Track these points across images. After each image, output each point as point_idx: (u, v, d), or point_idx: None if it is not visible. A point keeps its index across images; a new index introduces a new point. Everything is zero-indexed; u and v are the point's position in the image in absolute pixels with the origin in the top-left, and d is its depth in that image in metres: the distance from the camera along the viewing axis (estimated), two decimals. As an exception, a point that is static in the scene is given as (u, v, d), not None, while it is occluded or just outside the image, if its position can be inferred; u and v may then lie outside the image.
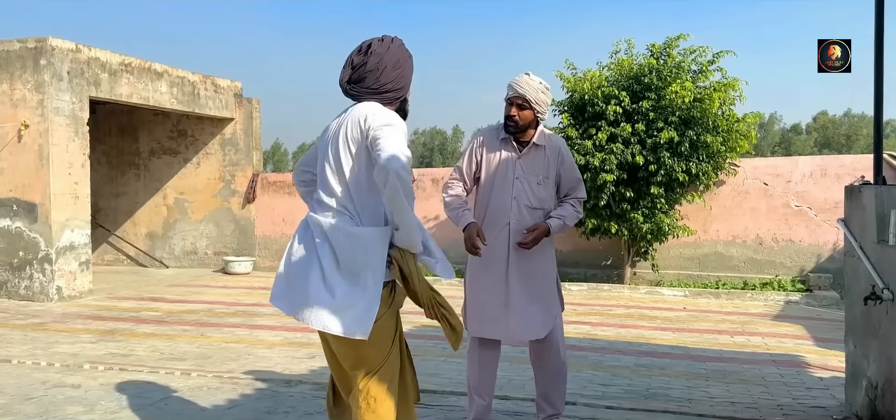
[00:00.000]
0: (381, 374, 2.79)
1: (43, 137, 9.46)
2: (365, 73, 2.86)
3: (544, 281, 3.94)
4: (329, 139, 2.89)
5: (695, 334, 7.43)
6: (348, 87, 2.91)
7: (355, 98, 2.91)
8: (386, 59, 2.87)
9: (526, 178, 3.87)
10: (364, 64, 2.87)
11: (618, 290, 10.28)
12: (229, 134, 13.28)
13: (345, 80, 2.91)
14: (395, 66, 2.90)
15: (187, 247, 13.60)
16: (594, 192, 10.02)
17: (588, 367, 5.86)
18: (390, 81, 2.88)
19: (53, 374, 5.57)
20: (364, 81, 2.87)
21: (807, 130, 76.52)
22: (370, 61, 2.86)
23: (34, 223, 9.54)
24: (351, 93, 2.91)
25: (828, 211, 10.44)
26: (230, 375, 5.51)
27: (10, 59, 9.60)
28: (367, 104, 2.85)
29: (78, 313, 8.62)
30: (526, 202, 3.87)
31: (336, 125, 2.90)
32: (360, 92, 2.88)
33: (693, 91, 9.94)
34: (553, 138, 3.96)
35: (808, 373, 5.85)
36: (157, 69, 11.33)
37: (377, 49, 2.88)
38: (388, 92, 2.89)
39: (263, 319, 8.16)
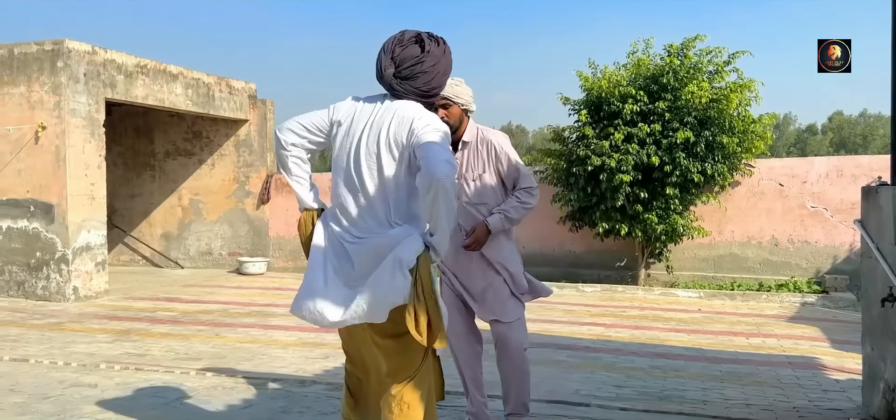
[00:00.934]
0: (417, 380, 2.77)
1: (60, 139, 9.55)
2: (418, 72, 2.75)
3: (489, 280, 3.89)
4: (361, 136, 2.76)
5: (710, 336, 7.39)
6: (395, 82, 2.76)
7: (397, 94, 2.78)
8: (441, 64, 2.80)
9: (462, 176, 3.84)
10: (419, 62, 2.75)
11: (632, 292, 10.24)
12: (244, 135, 13.35)
13: (391, 74, 2.76)
14: (445, 72, 2.84)
15: (202, 247, 13.68)
16: (610, 193, 9.99)
17: (602, 369, 5.84)
18: (439, 86, 2.83)
19: (70, 373, 5.62)
20: (415, 80, 2.76)
21: (822, 131, 75.95)
22: (427, 61, 2.75)
23: (51, 224, 9.62)
24: (396, 89, 2.77)
25: (844, 212, 10.36)
26: (245, 375, 5.53)
27: (27, 61, 9.69)
28: (411, 105, 2.75)
29: (94, 313, 8.69)
30: (465, 200, 3.83)
31: (369, 121, 2.76)
32: (407, 90, 2.76)
33: (710, 91, 9.90)
34: (486, 134, 3.87)
35: (825, 375, 5.81)
36: (172, 71, 11.40)
37: (434, 51, 2.78)
38: (433, 97, 2.84)
39: (277, 320, 8.19)
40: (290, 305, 2.90)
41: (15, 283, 9.84)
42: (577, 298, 9.87)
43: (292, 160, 2.90)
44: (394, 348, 2.77)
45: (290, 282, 11.65)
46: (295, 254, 13.03)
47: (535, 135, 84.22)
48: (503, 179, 3.92)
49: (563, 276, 11.50)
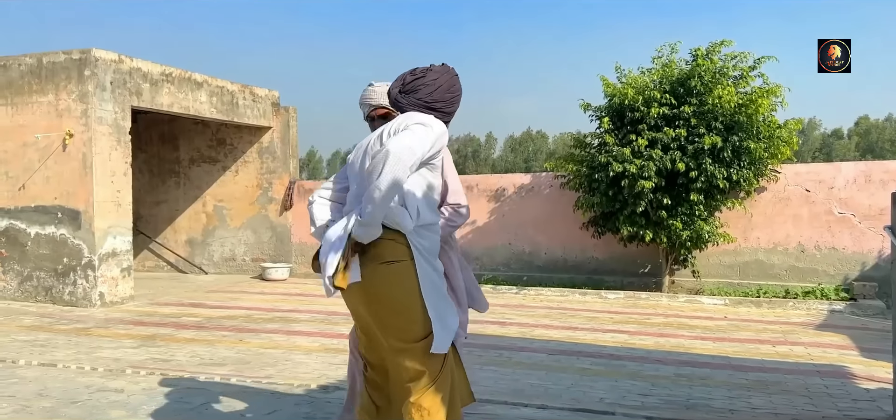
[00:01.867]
0: (438, 385, 2.80)
1: (86, 146, 9.67)
2: (419, 85, 3.00)
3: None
4: (368, 145, 3.01)
5: (736, 343, 7.30)
6: (399, 96, 3.04)
7: (403, 108, 3.03)
8: (441, 80, 3.02)
9: None
10: (421, 77, 3.02)
11: (656, 299, 10.16)
12: (267, 142, 13.44)
13: (396, 91, 3.05)
14: (449, 89, 3.04)
15: (226, 253, 13.78)
16: (632, 200, 9.93)
17: (627, 377, 5.80)
18: (442, 101, 3.02)
19: (97, 378, 5.68)
20: (416, 92, 3.00)
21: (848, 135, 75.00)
22: (428, 77, 3.02)
23: (78, 230, 9.74)
24: (400, 102, 3.03)
25: (872, 218, 10.21)
26: (269, 381, 5.56)
27: (55, 70, 9.83)
28: (413, 112, 2.99)
29: (120, 318, 8.78)
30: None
31: (376, 135, 3.00)
32: (410, 102, 3.01)
33: (736, 96, 9.81)
34: None
35: (854, 384, 5.71)
36: (197, 79, 11.51)
37: (437, 69, 3.05)
38: (437, 109, 3.01)
39: (301, 325, 8.22)
40: None
41: (43, 288, 9.97)
42: (599, 305, 9.81)
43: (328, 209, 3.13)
44: (411, 354, 2.82)
45: (312, 287, 11.69)
46: (317, 260, 13.06)
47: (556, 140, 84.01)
48: None
49: (585, 282, 11.45)
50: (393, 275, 2.79)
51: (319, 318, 8.77)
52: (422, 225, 2.88)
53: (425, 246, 2.88)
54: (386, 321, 2.85)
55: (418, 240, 2.85)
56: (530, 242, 12.07)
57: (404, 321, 2.80)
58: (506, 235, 12.21)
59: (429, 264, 2.86)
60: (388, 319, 2.84)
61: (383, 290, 2.80)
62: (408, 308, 2.79)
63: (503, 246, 12.23)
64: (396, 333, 2.83)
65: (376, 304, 2.83)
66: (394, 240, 2.81)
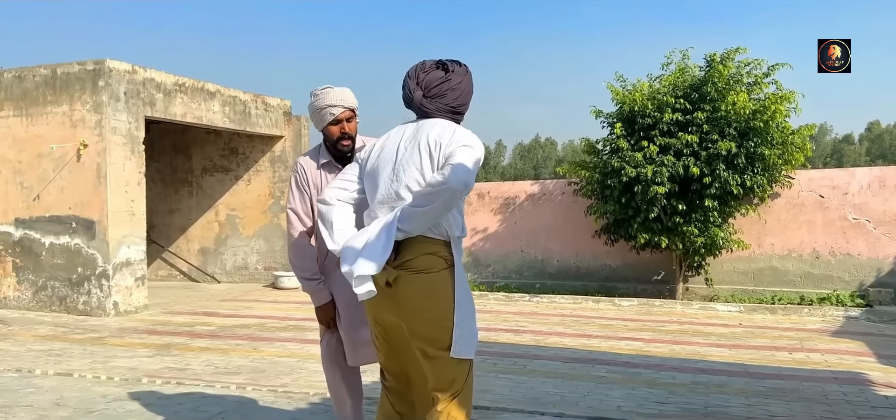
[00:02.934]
0: (463, 395, 2.83)
1: (101, 156, 9.72)
2: (446, 90, 2.91)
3: None
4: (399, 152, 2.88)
5: (752, 351, 7.26)
6: (425, 101, 2.91)
7: (428, 113, 2.92)
8: (465, 83, 2.96)
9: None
10: (447, 80, 2.91)
11: (670, 306, 10.11)
12: (279, 151, 13.48)
13: (420, 96, 2.92)
14: (469, 91, 2.99)
15: (238, 262, 13.82)
16: (645, 206, 9.90)
17: (643, 384, 5.77)
18: (465, 104, 2.97)
19: (113, 387, 5.69)
20: (444, 97, 2.91)
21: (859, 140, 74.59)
22: (454, 79, 2.92)
23: (92, 240, 9.79)
24: (426, 107, 2.91)
25: (887, 223, 10.14)
26: (284, 389, 5.56)
27: (69, 80, 9.90)
28: (445, 121, 2.89)
29: (134, 328, 8.81)
30: None
31: (404, 140, 2.90)
32: (438, 107, 2.91)
33: (750, 103, 9.78)
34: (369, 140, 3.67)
35: (872, 391, 5.67)
36: (209, 89, 11.57)
37: (457, 71, 2.95)
38: (461, 113, 2.97)
39: (314, 334, 8.21)
40: None
41: (57, 298, 10.02)
42: (613, 312, 9.77)
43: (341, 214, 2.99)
44: (441, 362, 2.81)
45: (325, 296, 11.69)
46: (329, 268, 13.09)
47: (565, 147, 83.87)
48: None
49: (598, 289, 11.41)
50: (428, 284, 2.77)
51: (333, 326, 8.76)
52: (459, 235, 2.89)
53: (459, 256, 2.89)
54: (419, 330, 2.82)
55: (456, 249, 2.86)
56: (543, 250, 12.05)
57: (436, 330, 2.79)
58: (518, 243, 12.19)
59: (462, 273, 2.87)
60: (421, 328, 2.81)
61: (418, 301, 2.77)
62: (442, 317, 2.79)
63: (515, 253, 12.21)
64: (430, 342, 2.81)
65: (411, 313, 2.80)
66: (431, 253, 2.78)
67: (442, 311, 2.79)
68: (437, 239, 2.78)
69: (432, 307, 2.78)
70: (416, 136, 2.86)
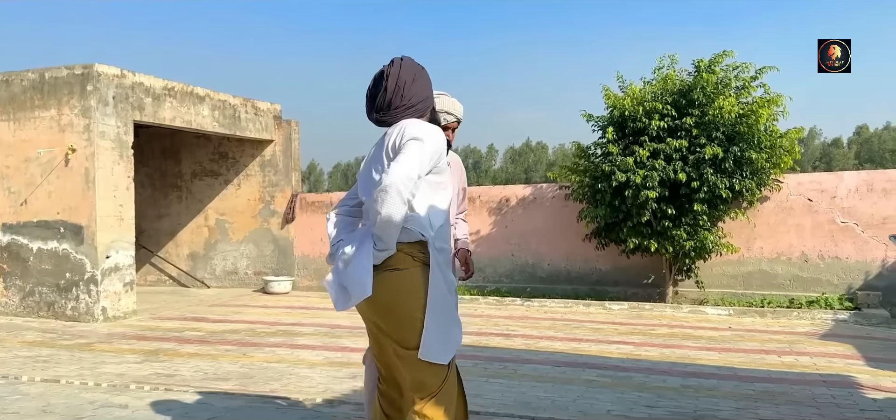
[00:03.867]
0: (440, 397, 2.80)
1: (89, 161, 9.67)
2: (389, 98, 2.94)
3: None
4: (371, 155, 3.05)
5: (741, 354, 7.28)
6: (379, 116, 2.98)
7: (389, 124, 2.99)
8: (402, 76, 2.95)
9: None
10: (384, 89, 2.94)
11: (660, 310, 10.13)
12: (269, 155, 13.45)
13: (374, 113, 3.00)
14: (413, 80, 2.97)
15: (228, 267, 13.77)
16: (635, 210, 9.92)
17: (633, 388, 5.77)
18: (414, 95, 2.96)
19: (101, 394, 5.65)
20: (391, 104, 2.94)
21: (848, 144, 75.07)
22: (389, 84, 2.94)
23: (80, 245, 9.73)
24: (384, 121, 2.98)
25: (875, 227, 10.19)
26: (273, 395, 5.54)
27: (57, 85, 9.85)
28: (406, 120, 2.95)
29: (123, 333, 8.75)
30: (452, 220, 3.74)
31: (376, 143, 3.05)
32: (394, 115, 2.96)
33: (737, 107, 9.81)
34: (452, 155, 3.84)
35: (861, 394, 5.69)
36: (199, 93, 11.53)
37: (389, 72, 2.97)
38: (417, 105, 2.98)
39: (304, 339, 8.20)
40: None
41: (45, 303, 9.95)
42: (603, 316, 9.79)
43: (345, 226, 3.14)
44: (414, 362, 2.82)
45: (315, 300, 11.67)
46: (319, 272, 13.07)
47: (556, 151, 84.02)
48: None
49: (588, 293, 11.42)
50: (397, 281, 2.81)
51: (323, 331, 8.74)
52: (437, 234, 2.89)
53: (441, 257, 2.88)
54: (388, 328, 2.89)
55: (435, 249, 2.86)
56: (534, 254, 12.05)
57: (403, 328, 2.84)
58: (509, 247, 12.19)
59: (442, 275, 2.87)
60: (390, 326, 2.88)
61: (386, 297, 2.82)
62: (410, 315, 2.81)
63: (506, 257, 12.21)
64: (398, 340, 2.87)
65: (381, 310, 2.86)
66: (401, 250, 2.82)
67: (410, 309, 2.82)
68: (409, 241, 2.83)
69: (400, 304, 2.82)
70: (384, 139, 2.97)
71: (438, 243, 2.89)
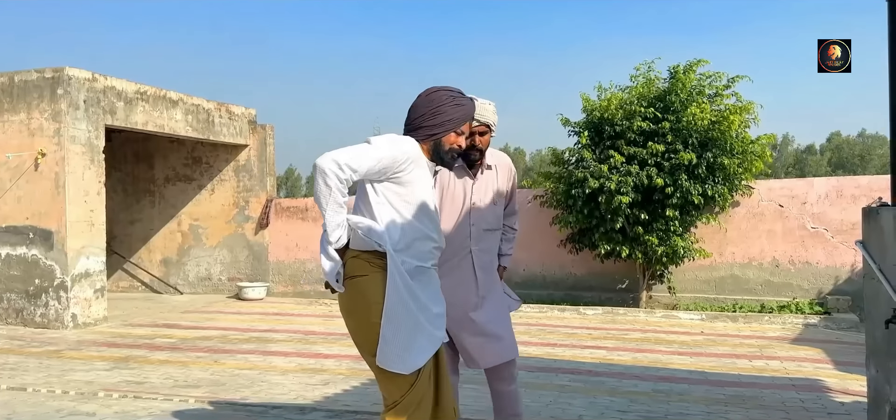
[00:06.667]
0: (399, 409, 2.82)
1: (59, 166, 9.54)
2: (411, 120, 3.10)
3: (505, 307, 3.90)
4: None
5: (713, 359, 7.34)
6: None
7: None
8: (419, 101, 3.10)
9: (482, 201, 3.72)
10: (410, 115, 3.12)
11: (634, 314, 10.19)
12: (243, 160, 13.35)
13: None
14: (427, 104, 3.07)
15: (201, 273, 13.64)
16: (609, 216, 9.97)
17: (605, 393, 5.80)
18: (419, 117, 3.05)
19: (68, 402, 5.57)
20: (407, 120, 3.12)
21: (821, 151, 76.11)
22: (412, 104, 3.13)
23: (50, 251, 9.59)
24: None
25: (845, 232, 10.34)
26: (244, 403, 5.49)
27: (27, 88, 9.71)
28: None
29: (93, 340, 8.64)
30: (485, 226, 3.73)
31: None
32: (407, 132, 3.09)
33: (711, 113, 9.92)
34: (500, 156, 3.85)
35: (829, 398, 5.76)
36: (172, 97, 11.42)
37: (419, 95, 3.14)
38: (418, 129, 3.05)
39: (277, 346, 8.14)
40: None
41: (13, 310, 9.79)
42: (578, 321, 9.82)
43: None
44: (377, 369, 2.88)
45: (289, 307, 11.60)
46: (294, 278, 13.00)
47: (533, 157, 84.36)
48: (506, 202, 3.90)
49: (563, 298, 11.46)
50: (354, 287, 2.87)
51: (296, 337, 8.69)
52: (410, 251, 2.87)
53: (409, 266, 2.84)
54: (351, 332, 2.99)
55: (399, 259, 2.83)
56: (510, 259, 12.06)
57: (360, 334, 2.91)
58: (484, 252, 12.20)
59: (403, 283, 2.80)
60: (352, 331, 2.97)
61: (346, 302, 2.93)
62: (366, 321, 2.85)
63: (481, 263, 12.21)
64: (359, 345, 2.97)
65: (344, 314, 2.98)
66: (358, 257, 2.87)
67: (365, 315, 2.85)
68: (365, 250, 2.87)
69: (357, 310, 2.88)
70: None
71: (412, 262, 2.86)
